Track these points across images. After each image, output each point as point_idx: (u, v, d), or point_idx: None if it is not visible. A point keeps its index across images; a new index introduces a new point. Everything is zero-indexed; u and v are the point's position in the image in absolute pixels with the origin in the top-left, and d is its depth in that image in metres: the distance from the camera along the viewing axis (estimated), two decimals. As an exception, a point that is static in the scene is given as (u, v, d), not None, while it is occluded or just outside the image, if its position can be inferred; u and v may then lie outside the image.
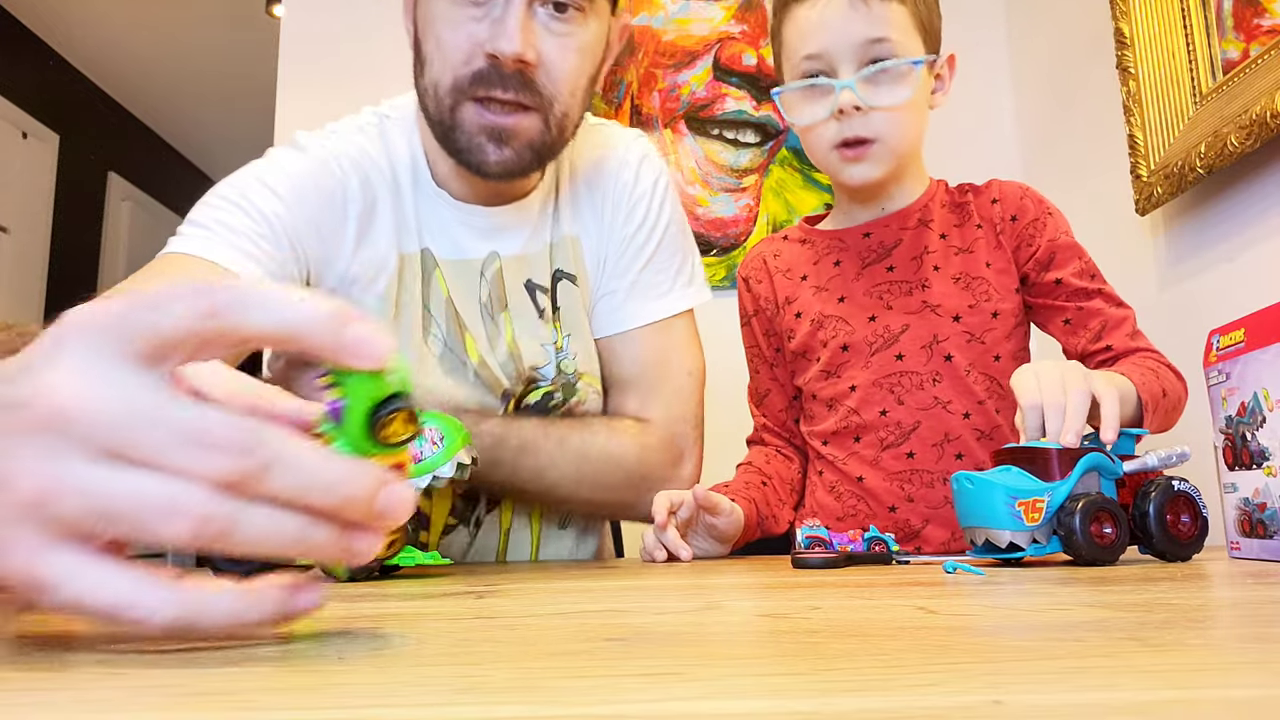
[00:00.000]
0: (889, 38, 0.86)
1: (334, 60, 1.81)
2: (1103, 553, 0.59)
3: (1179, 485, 0.63)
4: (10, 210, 3.27)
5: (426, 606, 0.41)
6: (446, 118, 0.77)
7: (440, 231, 0.84)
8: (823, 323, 0.97)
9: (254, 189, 0.78)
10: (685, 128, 1.82)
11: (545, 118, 0.77)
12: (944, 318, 0.92)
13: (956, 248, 0.95)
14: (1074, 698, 0.19)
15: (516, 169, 0.78)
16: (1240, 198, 1.12)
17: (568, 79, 0.77)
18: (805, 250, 1.02)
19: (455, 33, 0.75)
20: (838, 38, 0.87)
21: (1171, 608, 0.34)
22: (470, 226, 0.85)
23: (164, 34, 3.52)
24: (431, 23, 0.76)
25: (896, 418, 0.91)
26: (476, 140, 0.77)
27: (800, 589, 0.48)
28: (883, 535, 0.71)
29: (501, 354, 0.85)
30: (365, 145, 0.84)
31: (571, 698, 0.20)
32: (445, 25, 0.75)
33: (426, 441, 0.63)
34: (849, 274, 0.98)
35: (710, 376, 0.98)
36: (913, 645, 0.26)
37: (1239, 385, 0.61)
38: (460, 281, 0.84)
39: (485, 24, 0.74)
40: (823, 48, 0.87)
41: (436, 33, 0.76)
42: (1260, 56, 1.06)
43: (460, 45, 0.74)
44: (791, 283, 1.01)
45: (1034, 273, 0.93)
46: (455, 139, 0.77)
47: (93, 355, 0.25)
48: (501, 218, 0.85)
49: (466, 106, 0.76)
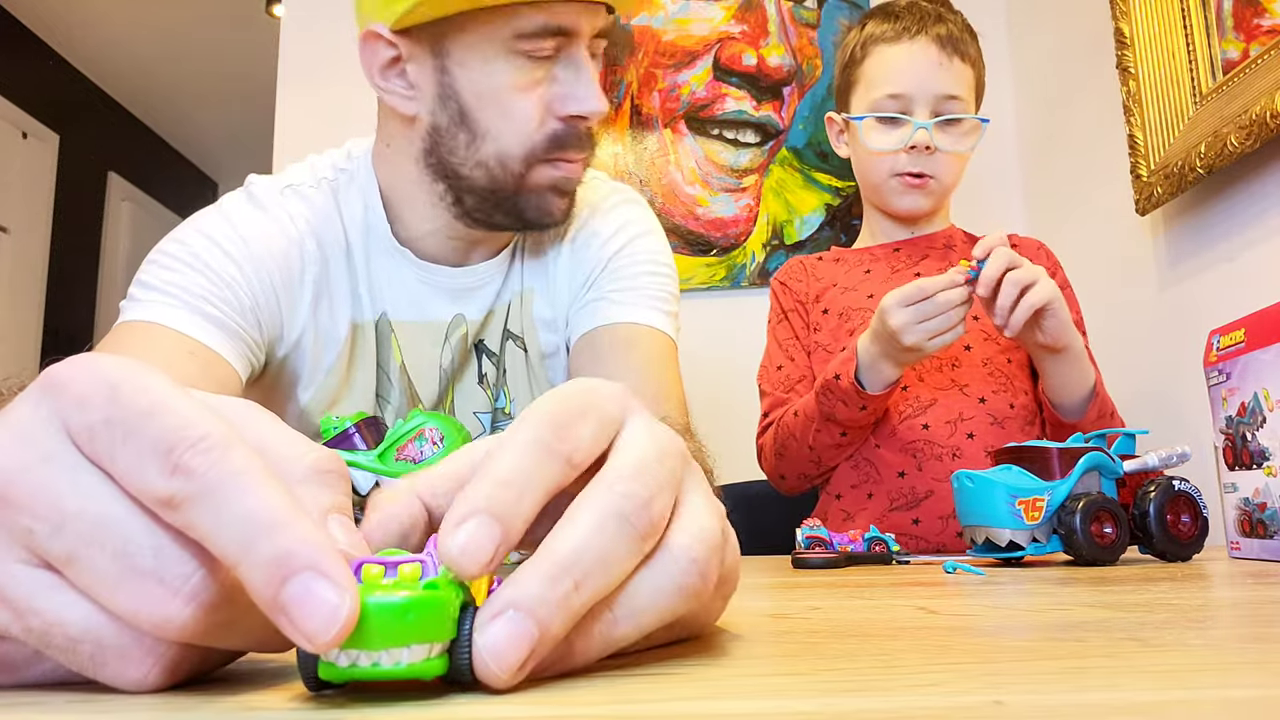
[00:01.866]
0: (960, 96, 1.01)
1: (334, 60, 1.80)
2: (1103, 552, 0.59)
3: (1179, 485, 0.63)
4: (10, 210, 3.27)
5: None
6: (511, 184, 0.73)
7: (400, 293, 0.79)
8: (849, 316, 1.05)
9: (208, 250, 0.72)
10: (685, 128, 1.82)
11: (589, 161, 0.77)
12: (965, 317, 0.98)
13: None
14: (1074, 698, 0.19)
15: (567, 214, 0.77)
16: (1240, 198, 1.12)
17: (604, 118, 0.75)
18: (838, 266, 1.12)
19: (526, 99, 0.70)
20: (921, 84, 1.00)
21: (1172, 608, 0.34)
22: (435, 287, 0.80)
23: (164, 34, 3.52)
24: (493, 93, 0.70)
25: (915, 392, 0.99)
26: (546, 199, 0.74)
27: (800, 589, 0.48)
28: (883, 535, 0.71)
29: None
30: (321, 205, 0.78)
31: (571, 698, 0.20)
32: (512, 93, 0.70)
33: (426, 441, 0.63)
34: (878, 277, 1.07)
35: (713, 376, 0.98)
36: (913, 645, 0.26)
37: (1239, 385, 0.61)
38: (417, 345, 0.80)
39: (555, 85, 0.71)
40: (906, 90, 1.00)
41: (502, 102, 0.70)
42: (1260, 56, 1.05)
43: (533, 113, 0.70)
44: (821, 286, 1.10)
45: None
46: (519, 202, 0.74)
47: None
48: (468, 278, 0.80)
49: (539, 170, 0.73)
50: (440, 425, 0.64)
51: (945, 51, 1.00)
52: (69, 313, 3.61)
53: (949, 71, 1.00)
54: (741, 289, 1.76)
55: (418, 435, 0.63)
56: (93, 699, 0.20)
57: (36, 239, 3.42)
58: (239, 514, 0.19)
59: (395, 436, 0.64)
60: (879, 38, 1.03)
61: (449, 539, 0.20)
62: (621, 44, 1.85)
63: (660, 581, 0.22)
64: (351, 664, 0.19)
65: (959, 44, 1.01)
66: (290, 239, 0.76)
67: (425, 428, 0.64)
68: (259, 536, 0.18)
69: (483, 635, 0.19)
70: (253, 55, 3.45)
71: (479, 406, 0.82)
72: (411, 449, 0.63)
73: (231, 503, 0.19)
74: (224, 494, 0.19)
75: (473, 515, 0.20)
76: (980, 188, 1.67)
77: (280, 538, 0.19)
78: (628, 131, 1.83)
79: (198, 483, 0.19)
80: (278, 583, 0.18)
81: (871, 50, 1.04)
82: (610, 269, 0.83)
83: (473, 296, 0.81)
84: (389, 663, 0.19)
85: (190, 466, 0.19)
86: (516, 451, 0.22)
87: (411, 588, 0.19)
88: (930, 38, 1.00)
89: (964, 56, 1.02)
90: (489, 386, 0.83)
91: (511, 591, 0.20)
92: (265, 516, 0.19)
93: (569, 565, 0.20)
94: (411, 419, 0.64)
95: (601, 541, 0.21)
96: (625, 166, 1.82)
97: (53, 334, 3.46)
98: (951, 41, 1.01)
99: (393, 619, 0.19)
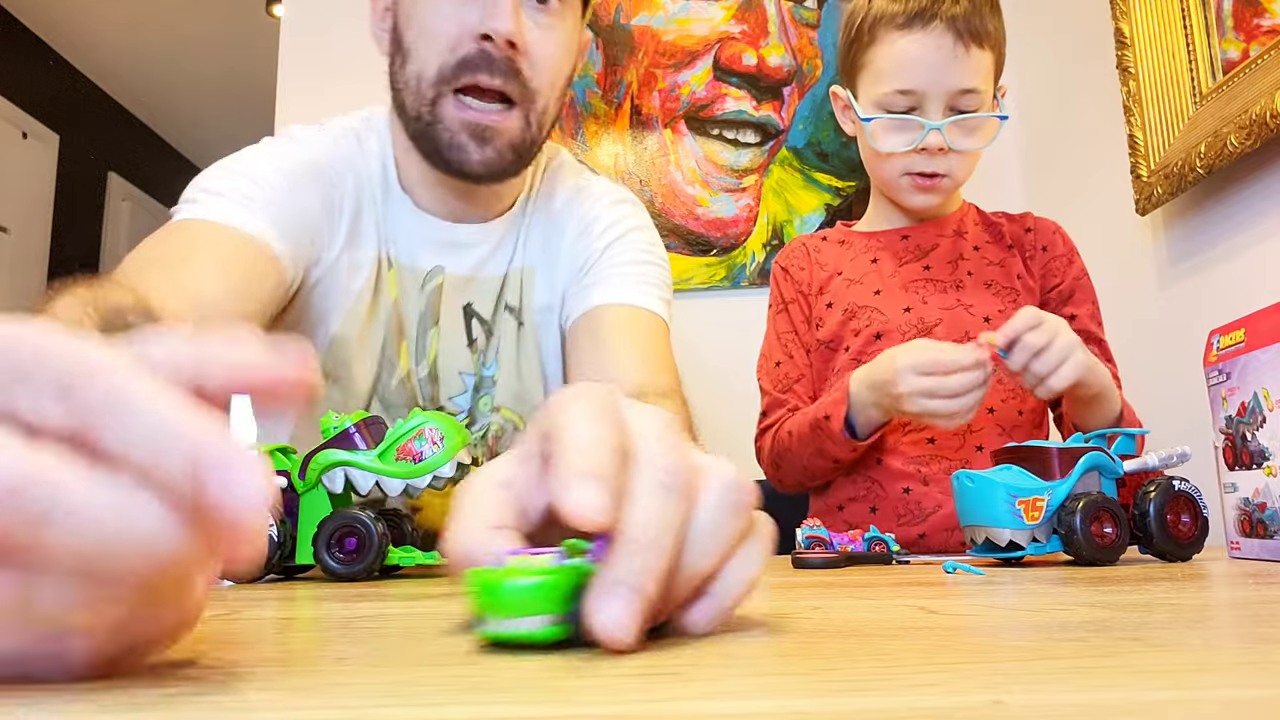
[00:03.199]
0: (977, 89, 0.92)
1: (334, 60, 1.81)
2: (1103, 552, 0.59)
3: (1179, 485, 0.63)
4: (10, 210, 3.27)
5: (426, 606, 0.41)
6: (426, 112, 0.76)
7: (399, 236, 0.84)
8: (855, 313, 0.99)
9: (262, 167, 0.77)
10: (685, 128, 1.82)
11: (527, 114, 0.76)
12: (975, 317, 0.96)
13: (989, 260, 1.00)
14: (1074, 698, 0.19)
15: (498, 168, 0.78)
16: (1240, 198, 1.12)
17: (550, 70, 0.76)
18: (843, 250, 1.06)
19: (443, 18, 0.73)
20: (935, 80, 0.91)
21: (1172, 608, 0.34)
22: (424, 237, 0.84)
23: (164, 34, 3.52)
24: (415, 11, 0.75)
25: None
26: (459, 138, 0.76)
27: (800, 589, 0.48)
28: (883, 535, 0.71)
29: (424, 371, 0.84)
30: (350, 150, 0.84)
31: (572, 698, 0.20)
32: (431, 12, 0.74)
33: (426, 441, 0.63)
34: (885, 270, 1.01)
35: (712, 376, 0.98)
36: (913, 645, 0.26)
37: (1239, 385, 0.61)
38: (405, 289, 0.84)
39: (474, 7, 0.73)
40: (918, 86, 0.92)
41: (421, 20, 0.74)
42: (1260, 56, 1.05)
43: (448, 30, 0.73)
44: (825, 274, 1.04)
45: (1054, 303, 0.98)
46: (435, 135, 0.76)
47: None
48: (457, 234, 0.84)
49: (448, 101, 0.75)
50: (440, 425, 0.64)
51: (961, 40, 0.90)
52: (69, 313, 3.61)
53: (965, 63, 0.91)
54: (741, 289, 1.76)
55: (418, 435, 0.63)
56: (93, 699, 0.20)
57: (36, 239, 3.42)
58: (141, 430, 0.19)
59: (395, 436, 0.64)
60: (889, 20, 0.93)
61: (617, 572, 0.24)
62: (621, 43, 1.85)
63: (716, 516, 0.26)
64: (495, 630, 0.24)
65: (976, 26, 0.91)
66: (331, 174, 0.80)
67: (425, 427, 0.64)
68: (167, 446, 0.19)
69: (602, 612, 0.23)
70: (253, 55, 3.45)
71: (464, 368, 0.85)
72: (411, 449, 0.63)
73: (133, 420, 0.19)
74: (123, 413, 0.19)
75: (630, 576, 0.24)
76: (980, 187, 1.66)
77: (185, 442, 0.19)
78: (628, 131, 1.83)
79: (96, 410, 0.19)
80: (198, 486, 0.19)
81: (880, 35, 0.94)
82: (607, 257, 0.86)
83: (456, 252, 0.84)
84: (522, 628, 0.24)
85: (85, 394, 0.19)
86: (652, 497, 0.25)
87: (539, 573, 0.24)
88: (945, 24, 0.90)
89: (982, 40, 0.91)
90: (478, 351, 0.85)
91: (612, 572, 0.24)
92: (167, 426, 0.19)
93: (645, 541, 0.24)
94: (411, 419, 0.64)
95: (661, 512, 0.25)
96: (625, 166, 1.82)
97: (53, 334, 3.46)
98: (968, 25, 0.90)
99: (522, 595, 0.24)
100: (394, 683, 0.21)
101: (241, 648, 0.27)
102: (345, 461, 0.63)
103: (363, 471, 0.63)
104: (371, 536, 0.59)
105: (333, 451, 0.63)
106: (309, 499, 0.63)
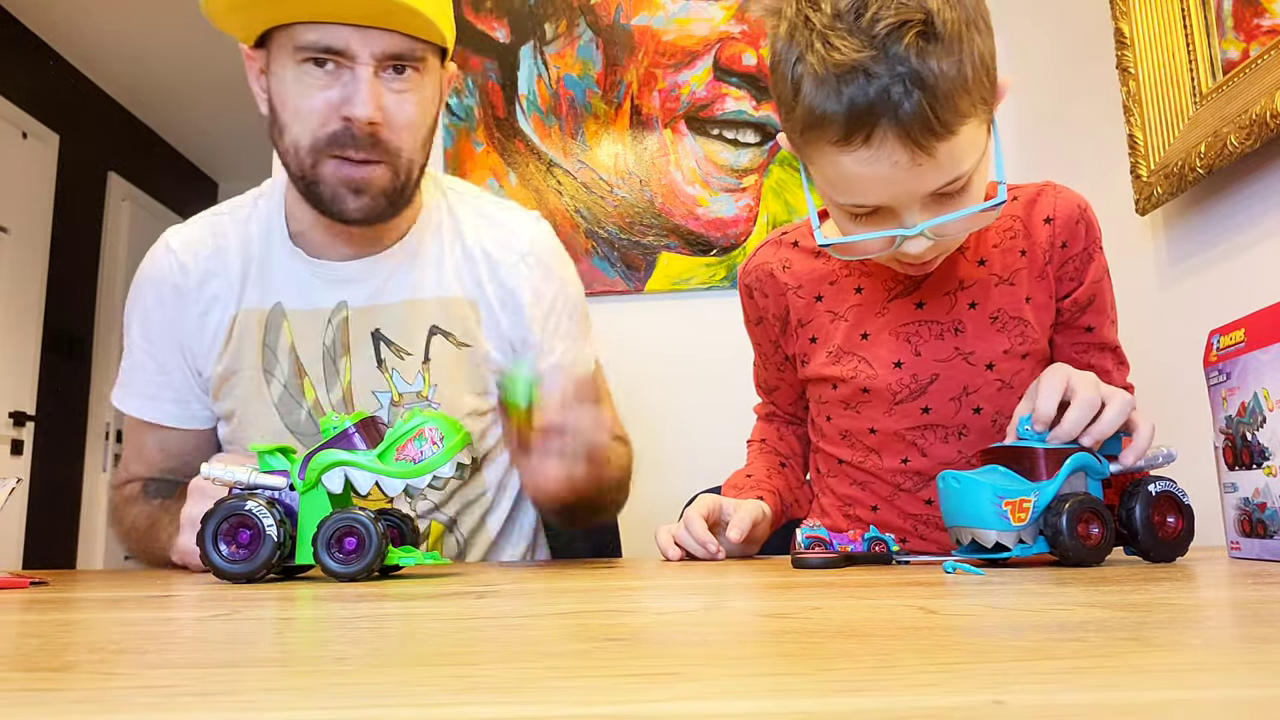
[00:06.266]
0: (962, 173, 0.70)
1: (334, 60, 1.80)
2: (1089, 553, 0.59)
3: (1164, 485, 0.63)
4: (10, 210, 3.27)
5: (426, 606, 0.41)
6: (308, 174, 0.86)
7: (293, 285, 0.94)
8: (840, 358, 0.89)
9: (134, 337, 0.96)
10: (685, 128, 1.82)
11: (394, 168, 0.87)
12: (977, 366, 0.85)
13: (997, 277, 0.86)
14: (1074, 698, 0.19)
15: (373, 214, 0.88)
16: (1240, 198, 1.12)
17: (410, 131, 0.86)
18: (820, 265, 0.92)
19: (310, 100, 0.83)
20: (897, 193, 0.70)
21: (1172, 608, 0.34)
22: (321, 278, 0.94)
23: (164, 34, 3.52)
24: (286, 92, 0.84)
25: (917, 467, 0.88)
26: (338, 192, 0.86)
27: (800, 589, 0.48)
28: (883, 535, 0.71)
29: (336, 396, 0.93)
30: (226, 223, 0.96)
31: (571, 698, 0.20)
32: (300, 95, 0.83)
33: (426, 441, 0.63)
34: (872, 306, 0.88)
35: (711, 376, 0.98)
36: (913, 645, 0.26)
37: (1239, 385, 0.61)
38: (306, 329, 0.93)
39: (337, 90, 0.83)
40: (881, 202, 0.71)
41: (293, 101, 0.84)
42: (1260, 56, 1.05)
43: (316, 109, 0.83)
44: (804, 302, 0.92)
45: (1069, 310, 0.88)
46: (318, 192, 0.86)
47: None
48: (351, 270, 0.94)
49: (326, 163, 0.85)
50: (440, 425, 0.64)
51: (921, 148, 0.66)
52: (69, 313, 3.60)
53: (932, 168, 0.68)
54: (741, 289, 1.76)
55: (417, 435, 0.64)
56: (94, 699, 0.20)
57: (36, 239, 3.41)
58: None
59: (395, 436, 0.64)
60: (820, 131, 0.68)
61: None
62: (621, 44, 1.85)
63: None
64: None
65: (935, 119, 0.65)
66: (175, 269, 0.94)
67: (425, 428, 0.64)
68: None
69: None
70: (253, 55, 3.43)
71: (377, 387, 0.94)
72: (411, 449, 0.63)
73: None
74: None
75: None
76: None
77: None
78: (628, 131, 1.83)
79: None
80: None
81: (815, 142, 0.70)
82: (551, 324, 0.99)
83: (353, 286, 0.94)
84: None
85: None
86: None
87: None
88: (893, 132, 0.65)
89: (951, 126, 0.66)
90: (387, 371, 0.94)
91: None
92: None
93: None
94: (411, 419, 0.64)
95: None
96: (625, 166, 1.82)
97: (52, 334, 3.46)
98: (924, 126, 0.65)
99: None
100: (394, 683, 0.21)
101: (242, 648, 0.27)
102: (345, 462, 0.63)
103: (362, 471, 0.63)
104: (371, 536, 0.59)
105: (332, 452, 0.63)
106: (309, 499, 0.63)
